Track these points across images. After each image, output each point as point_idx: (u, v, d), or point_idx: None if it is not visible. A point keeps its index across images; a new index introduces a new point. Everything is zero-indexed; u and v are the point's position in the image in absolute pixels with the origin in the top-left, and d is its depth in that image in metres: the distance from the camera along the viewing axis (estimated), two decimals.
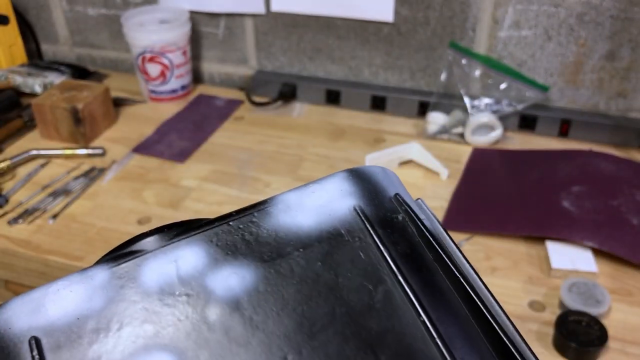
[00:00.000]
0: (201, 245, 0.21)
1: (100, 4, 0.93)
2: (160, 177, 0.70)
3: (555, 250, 0.56)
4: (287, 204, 0.22)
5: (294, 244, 0.21)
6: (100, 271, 0.21)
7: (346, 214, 0.21)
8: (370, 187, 0.22)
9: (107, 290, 0.20)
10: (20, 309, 0.20)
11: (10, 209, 0.65)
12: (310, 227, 0.21)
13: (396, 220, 0.21)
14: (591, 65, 0.74)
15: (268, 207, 0.22)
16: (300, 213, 0.22)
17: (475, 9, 0.75)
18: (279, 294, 0.20)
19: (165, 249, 0.21)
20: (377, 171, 0.23)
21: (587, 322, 0.47)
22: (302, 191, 0.22)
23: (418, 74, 0.82)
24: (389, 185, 0.23)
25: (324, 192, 0.22)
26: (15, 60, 0.93)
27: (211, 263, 0.21)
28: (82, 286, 0.20)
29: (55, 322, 0.19)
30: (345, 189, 0.22)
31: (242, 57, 0.90)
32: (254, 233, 0.21)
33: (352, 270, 0.20)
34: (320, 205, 0.22)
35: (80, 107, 0.74)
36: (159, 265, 0.21)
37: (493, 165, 0.71)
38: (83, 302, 0.20)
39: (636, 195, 0.61)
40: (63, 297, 0.20)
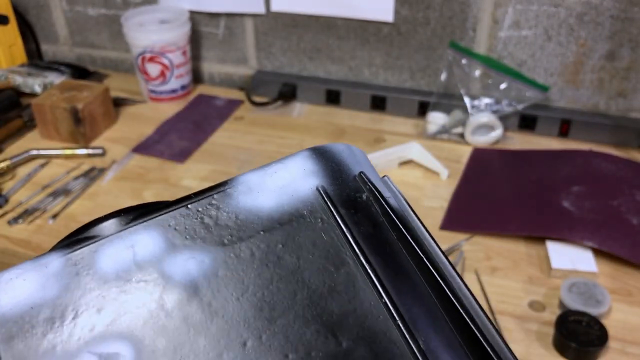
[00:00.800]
0: (159, 230, 0.20)
1: (100, 4, 0.93)
2: (160, 177, 0.70)
3: (555, 250, 0.56)
4: (248, 185, 0.21)
5: (254, 227, 0.20)
6: (54, 258, 0.20)
7: (309, 194, 0.21)
8: (333, 166, 0.22)
9: (62, 278, 0.19)
10: None
11: (10, 208, 0.65)
12: (272, 208, 0.21)
13: (360, 200, 0.21)
14: (591, 65, 0.74)
15: (228, 188, 0.21)
16: (262, 194, 0.21)
17: (475, 9, 0.75)
18: (238, 279, 0.19)
19: (121, 234, 0.20)
20: (342, 149, 0.23)
21: (587, 322, 0.47)
22: (264, 171, 0.22)
23: (418, 74, 0.82)
24: (354, 163, 0.22)
25: (286, 172, 0.22)
26: (15, 60, 0.93)
27: (169, 248, 0.20)
28: (35, 274, 0.20)
29: (7, 312, 0.19)
30: (308, 168, 0.22)
31: (242, 57, 0.90)
32: (214, 216, 0.21)
33: (313, 253, 0.20)
34: (282, 186, 0.21)
35: (80, 107, 0.74)
36: (116, 251, 0.20)
37: (493, 165, 0.71)
38: (36, 291, 0.19)
39: (636, 195, 0.61)
40: (15, 286, 0.19)
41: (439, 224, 0.61)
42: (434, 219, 0.62)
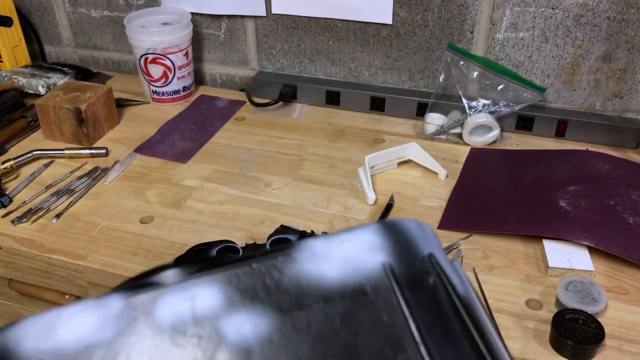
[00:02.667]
0: (220, 286, 0.20)
1: (103, 6, 0.93)
2: (163, 177, 0.71)
3: (552, 249, 0.56)
4: (314, 251, 0.21)
5: (315, 296, 0.20)
6: (115, 300, 0.20)
7: (374, 270, 0.20)
8: (402, 244, 0.21)
9: (120, 321, 0.19)
10: (31, 329, 0.19)
11: (14, 208, 0.65)
12: (334, 279, 0.20)
13: (427, 283, 0.20)
14: (588, 66, 0.75)
15: (294, 252, 0.21)
16: (326, 263, 0.20)
17: (473, 11, 0.76)
18: (292, 349, 0.19)
19: (183, 285, 0.20)
20: (412, 226, 0.22)
21: (583, 320, 0.48)
22: (331, 240, 0.21)
23: (417, 75, 0.83)
24: (424, 242, 0.21)
25: (352, 243, 0.21)
26: (19, 62, 0.94)
27: (227, 306, 0.20)
28: (95, 313, 0.20)
29: (63, 347, 0.19)
30: (376, 243, 0.21)
31: (243, 58, 0.91)
32: (275, 279, 0.20)
33: (372, 332, 0.19)
34: (348, 257, 0.20)
35: (84, 108, 0.75)
36: (175, 302, 0.20)
37: (491, 165, 0.71)
38: (94, 330, 0.19)
39: (632, 194, 0.62)
40: (75, 322, 0.19)
41: (437, 223, 0.61)
42: (432, 219, 0.62)
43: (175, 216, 0.64)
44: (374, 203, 0.65)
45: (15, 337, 0.19)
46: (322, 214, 0.64)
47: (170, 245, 0.59)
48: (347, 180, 0.69)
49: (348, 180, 0.69)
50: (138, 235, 0.61)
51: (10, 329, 0.20)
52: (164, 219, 0.63)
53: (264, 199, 0.66)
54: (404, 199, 0.65)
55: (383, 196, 0.66)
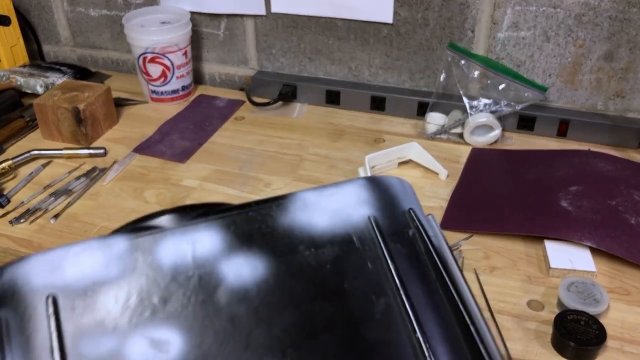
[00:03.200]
0: (219, 231, 0.21)
1: (101, 5, 0.93)
2: (162, 177, 0.71)
3: (553, 250, 0.56)
4: (305, 202, 0.22)
5: (306, 243, 0.21)
6: (119, 241, 0.21)
7: (360, 222, 0.22)
8: (386, 199, 0.23)
9: (124, 261, 0.21)
10: (38, 265, 0.20)
11: (12, 208, 0.65)
12: (324, 228, 0.22)
13: (407, 236, 0.22)
14: (589, 65, 0.75)
15: (286, 202, 0.22)
16: (316, 213, 0.22)
17: (474, 10, 0.75)
18: (286, 290, 0.20)
19: (184, 229, 0.22)
20: (395, 183, 0.23)
21: (585, 321, 0.48)
22: (321, 192, 0.23)
23: (417, 75, 0.83)
24: (405, 198, 0.23)
25: (341, 196, 0.22)
26: (17, 61, 0.94)
27: (226, 249, 0.21)
28: (100, 253, 0.21)
29: (72, 283, 0.20)
30: (362, 197, 0.22)
31: (242, 57, 0.90)
32: (270, 226, 0.22)
33: (358, 278, 0.20)
34: (336, 209, 0.22)
35: (82, 108, 0.74)
36: (177, 244, 0.21)
37: (492, 165, 0.71)
38: (100, 269, 0.20)
39: (634, 194, 0.61)
40: (81, 260, 0.20)
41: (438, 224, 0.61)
42: None
43: None
44: None
45: (24, 273, 0.20)
46: None
47: None
48: None
49: None
50: None
51: (18, 265, 0.20)
52: None
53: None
54: None
55: None
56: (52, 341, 0.19)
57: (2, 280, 0.20)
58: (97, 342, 0.19)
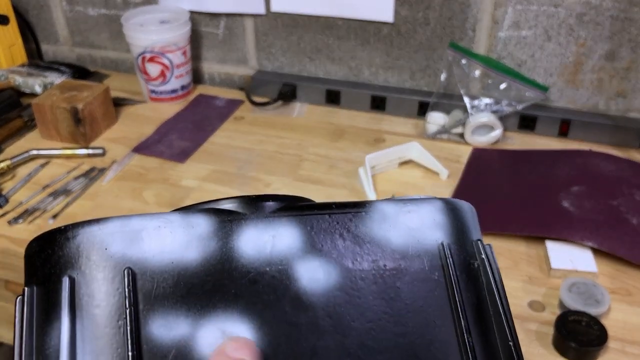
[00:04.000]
0: (299, 229, 0.21)
1: (100, 4, 0.93)
2: (161, 177, 0.70)
3: (555, 250, 0.56)
4: (384, 214, 0.22)
5: (380, 257, 0.21)
6: (202, 221, 0.20)
7: (432, 246, 0.22)
8: (458, 225, 0.22)
9: (206, 244, 0.20)
10: (118, 232, 0.20)
11: (11, 208, 0.65)
12: (399, 246, 0.21)
13: (472, 267, 0.22)
14: (591, 65, 0.74)
15: (366, 210, 0.22)
16: (394, 228, 0.22)
17: (475, 9, 0.75)
18: (355, 303, 0.20)
19: (267, 220, 0.21)
20: (467, 209, 0.23)
21: (586, 322, 0.48)
22: (400, 207, 0.22)
23: (418, 74, 0.82)
24: (473, 227, 0.23)
25: (418, 215, 0.22)
26: (16, 61, 0.93)
27: (304, 249, 0.21)
28: (182, 231, 0.20)
29: (150, 258, 0.19)
30: (438, 220, 0.22)
31: (242, 57, 0.90)
32: (349, 233, 0.21)
33: (424, 304, 0.20)
34: (412, 228, 0.22)
35: (81, 107, 0.74)
36: (258, 235, 0.21)
37: (493, 165, 0.71)
38: (180, 248, 0.20)
39: (636, 195, 0.61)
40: (162, 236, 0.20)
41: None
42: None
43: None
44: None
45: (102, 237, 0.19)
46: None
47: None
48: (348, 181, 0.68)
49: (348, 181, 0.68)
50: None
51: (97, 226, 0.20)
52: None
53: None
54: None
55: (384, 196, 0.65)
56: (126, 318, 0.18)
57: (78, 239, 0.19)
58: (170, 326, 0.19)
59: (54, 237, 0.20)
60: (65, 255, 0.19)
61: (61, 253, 0.19)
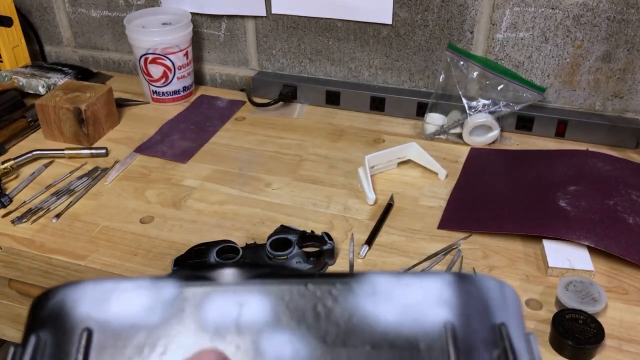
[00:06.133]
0: (271, 299, 0.19)
1: (103, 6, 0.93)
2: (163, 177, 0.71)
3: (551, 249, 0.56)
4: (375, 287, 0.19)
5: (363, 338, 0.18)
6: (169, 286, 0.20)
7: (434, 327, 0.18)
8: (474, 304, 0.19)
9: (168, 309, 0.19)
10: (89, 293, 0.19)
11: (14, 208, 0.65)
12: (389, 325, 0.18)
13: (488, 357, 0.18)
14: (587, 66, 0.75)
15: (354, 282, 0.19)
16: (385, 304, 0.18)
17: (473, 11, 0.76)
18: None
19: (236, 288, 0.20)
20: (492, 287, 0.19)
21: (583, 320, 0.48)
22: (397, 279, 0.19)
23: (417, 75, 0.83)
24: (499, 308, 0.19)
25: (419, 289, 0.19)
26: (19, 62, 0.94)
27: (273, 322, 0.19)
28: (148, 294, 0.19)
29: (111, 321, 0.19)
30: (445, 296, 0.19)
31: (243, 58, 0.91)
32: (328, 307, 0.19)
33: None
34: (409, 305, 0.18)
35: (84, 108, 0.75)
36: (224, 303, 0.19)
37: (490, 165, 0.71)
38: (143, 312, 0.19)
39: (632, 194, 0.62)
40: (128, 298, 0.19)
41: (437, 223, 0.61)
42: (432, 218, 0.62)
43: (175, 216, 0.64)
44: (374, 203, 0.65)
45: (74, 298, 0.19)
46: (322, 214, 0.64)
47: (170, 245, 0.59)
48: (347, 180, 0.69)
49: (348, 180, 0.69)
50: (138, 235, 0.61)
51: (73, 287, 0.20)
52: (164, 219, 0.63)
53: (264, 199, 0.66)
54: (404, 199, 0.66)
55: (383, 196, 0.66)
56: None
57: (55, 300, 0.20)
58: None
59: (40, 298, 0.20)
60: (40, 316, 0.20)
61: (39, 313, 0.20)
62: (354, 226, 0.61)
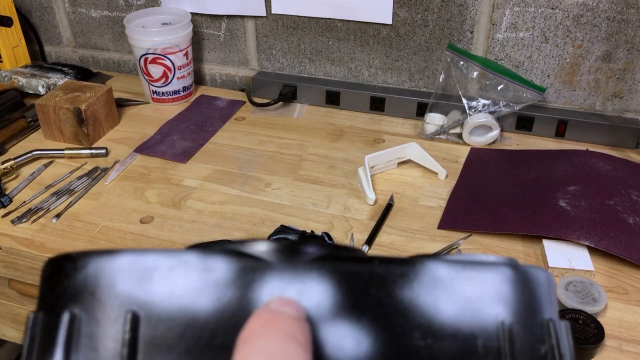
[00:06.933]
0: (331, 285, 0.18)
1: (103, 6, 0.93)
2: (163, 177, 0.71)
3: (551, 249, 0.56)
4: (435, 278, 0.18)
5: (424, 329, 0.17)
6: (221, 265, 0.18)
7: (490, 323, 0.18)
8: (528, 301, 0.19)
9: (220, 292, 0.17)
10: (128, 268, 0.17)
11: (14, 208, 0.65)
12: (448, 319, 0.18)
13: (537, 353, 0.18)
14: (587, 66, 0.75)
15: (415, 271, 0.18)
16: (444, 296, 0.18)
17: (472, 11, 0.76)
18: None
19: (294, 272, 0.18)
20: (543, 281, 0.19)
21: (583, 320, 0.48)
22: (457, 270, 0.19)
23: (416, 76, 0.83)
24: (547, 303, 0.19)
25: (478, 283, 0.18)
26: (19, 62, 0.94)
27: (333, 311, 0.18)
28: (197, 275, 0.18)
29: (157, 303, 0.17)
30: (502, 293, 0.18)
31: (243, 58, 0.91)
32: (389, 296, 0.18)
33: None
34: (469, 299, 0.18)
35: (84, 108, 0.75)
36: (282, 288, 0.18)
37: (490, 165, 0.71)
38: (192, 293, 0.17)
39: (632, 194, 0.62)
40: (174, 278, 0.17)
41: (437, 223, 0.61)
42: (432, 218, 0.62)
43: (175, 216, 0.64)
44: (373, 203, 0.65)
45: (110, 273, 0.17)
46: (322, 214, 0.64)
47: (170, 245, 0.59)
48: (347, 180, 0.69)
49: (348, 180, 0.69)
50: (138, 235, 0.61)
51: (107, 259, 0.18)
52: (164, 219, 0.63)
53: (264, 199, 0.66)
54: (404, 199, 0.66)
55: (383, 196, 0.66)
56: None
57: (86, 271, 0.17)
58: None
59: (63, 263, 0.18)
60: (70, 287, 0.18)
61: (67, 283, 0.18)
62: (354, 226, 0.61)
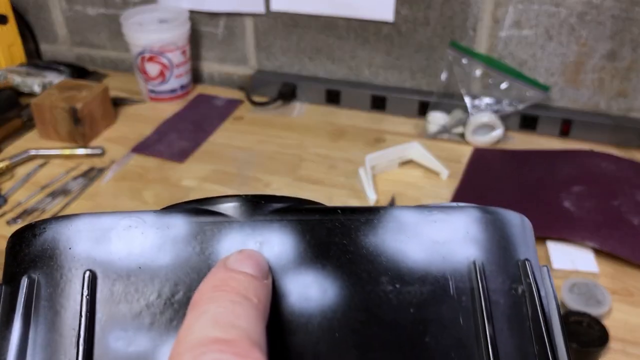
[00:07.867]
0: (293, 236, 0.18)
1: (99, 4, 0.92)
2: (160, 177, 0.70)
3: (556, 251, 0.55)
4: (401, 223, 0.18)
5: (391, 275, 0.17)
6: (178, 222, 0.18)
7: (461, 264, 0.18)
8: (500, 241, 0.18)
9: (180, 247, 0.18)
10: (85, 230, 0.18)
11: (9, 209, 0.65)
12: (417, 263, 0.18)
13: (513, 292, 0.18)
14: (592, 65, 0.74)
15: (379, 217, 0.18)
16: (412, 241, 0.18)
17: (475, 8, 0.75)
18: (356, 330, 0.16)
19: (254, 224, 0.18)
20: (516, 222, 0.19)
21: (588, 323, 0.47)
22: (423, 215, 0.18)
23: (418, 74, 0.82)
24: (522, 243, 0.19)
25: (447, 225, 0.18)
26: (14, 60, 0.93)
27: (297, 261, 0.17)
28: (155, 232, 0.18)
29: (115, 261, 0.17)
30: (472, 233, 0.18)
31: (241, 56, 0.90)
32: (354, 243, 0.18)
33: (443, 334, 0.17)
34: (437, 242, 0.18)
35: (79, 107, 0.74)
36: (242, 241, 0.18)
37: (494, 165, 0.71)
38: (150, 250, 0.17)
39: (637, 195, 0.61)
40: (132, 236, 0.18)
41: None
42: None
43: None
44: (375, 204, 0.64)
45: (68, 235, 0.18)
46: None
47: None
48: (348, 181, 0.68)
49: (348, 181, 0.68)
50: None
51: (64, 223, 0.18)
52: None
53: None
54: (406, 200, 0.65)
55: (384, 196, 0.65)
56: (80, 325, 0.16)
57: (44, 237, 0.18)
58: (129, 338, 0.16)
59: (24, 233, 0.18)
60: (30, 254, 0.18)
61: (27, 251, 0.18)
62: None
